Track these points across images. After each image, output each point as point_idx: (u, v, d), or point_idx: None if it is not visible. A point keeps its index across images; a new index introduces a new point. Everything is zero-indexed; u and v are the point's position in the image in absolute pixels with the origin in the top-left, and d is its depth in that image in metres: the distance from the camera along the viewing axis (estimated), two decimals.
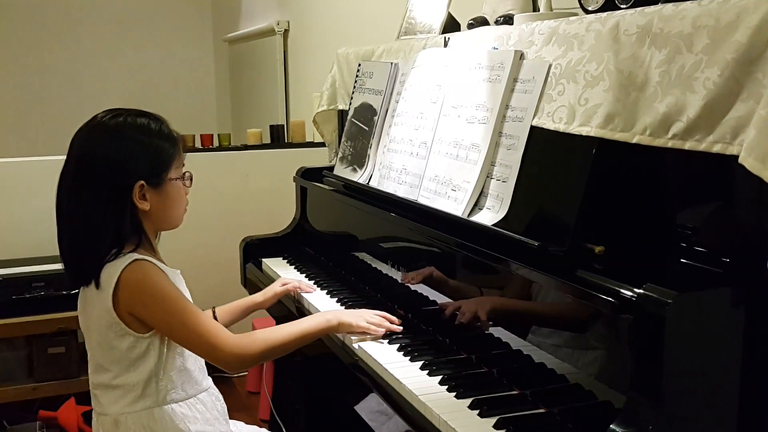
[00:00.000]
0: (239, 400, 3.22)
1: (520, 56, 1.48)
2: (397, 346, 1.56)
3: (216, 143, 3.50)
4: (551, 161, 1.38)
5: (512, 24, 1.65)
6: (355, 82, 2.19)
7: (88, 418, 1.65)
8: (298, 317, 1.85)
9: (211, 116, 5.81)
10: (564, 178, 1.33)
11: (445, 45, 1.82)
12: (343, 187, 2.10)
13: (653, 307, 1.02)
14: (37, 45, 5.41)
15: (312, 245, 2.36)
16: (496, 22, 1.76)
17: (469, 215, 1.51)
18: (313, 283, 2.03)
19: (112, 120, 1.50)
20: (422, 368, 1.45)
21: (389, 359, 1.50)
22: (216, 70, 5.88)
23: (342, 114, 2.50)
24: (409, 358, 1.50)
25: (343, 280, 2.06)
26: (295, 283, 1.97)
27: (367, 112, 2.08)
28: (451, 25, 2.05)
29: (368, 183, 1.97)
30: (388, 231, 1.86)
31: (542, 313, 1.33)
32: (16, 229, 2.96)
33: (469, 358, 1.49)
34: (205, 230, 3.21)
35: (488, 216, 1.47)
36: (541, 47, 1.43)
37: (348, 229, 2.15)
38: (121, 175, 1.46)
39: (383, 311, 1.67)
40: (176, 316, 1.45)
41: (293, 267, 2.24)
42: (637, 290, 1.06)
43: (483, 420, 1.24)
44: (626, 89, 1.20)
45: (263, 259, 2.34)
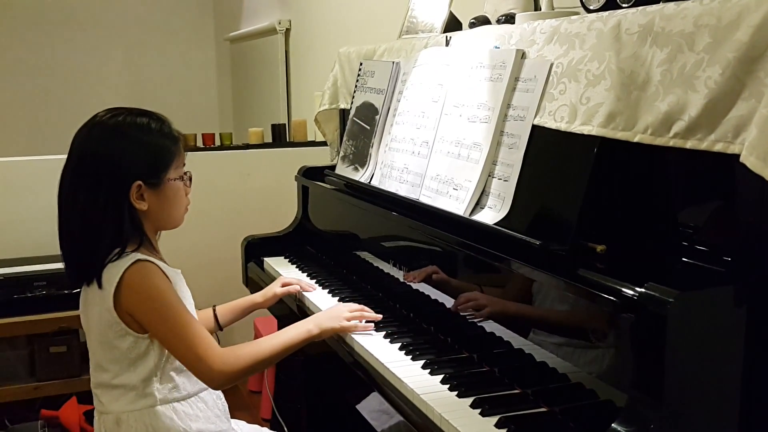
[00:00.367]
0: (241, 399, 3.22)
1: (521, 55, 1.48)
2: (399, 345, 1.56)
3: (218, 142, 3.50)
4: (553, 160, 1.38)
5: (514, 23, 1.65)
6: (357, 81, 2.19)
7: (90, 417, 1.65)
8: (299, 316, 1.85)
9: (213, 115, 5.82)
10: (565, 177, 1.33)
11: (447, 44, 1.82)
12: (345, 186, 2.10)
13: (655, 306, 1.02)
14: (38, 44, 5.42)
15: (313, 244, 2.37)
16: (498, 21, 1.76)
17: (470, 214, 1.51)
18: (314, 282, 2.03)
19: (112, 119, 1.49)
20: (424, 367, 1.45)
21: (390, 358, 1.50)
22: (218, 70, 5.88)
23: (343, 113, 2.50)
24: (410, 357, 1.50)
25: (345, 279, 2.06)
26: (294, 284, 1.95)
27: (368, 111, 2.08)
28: (452, 24, 2.05)
29: (370, 182, 1.97)
30: (390, 230, 1.86)
31: (543, 312, 1.33)
32: (18, 228, 2.96)
33: (470, 357, 1.49)
34: (207, 229, 3.21)
35: (490, 215, 1.47)
36: (542, 46, 1.43)
37: (349, 228, 2.15)
38: (119, 174, 1.45)
39: (377, 309, 1.68)
40: (169, 323, 1.44)
41: (295, 266, 2.24)
42: (638, 289, 1.06)
43: (484, 419, 1.24)
44: (628, 88, 1.20)
45: (265, 258, 2.34)
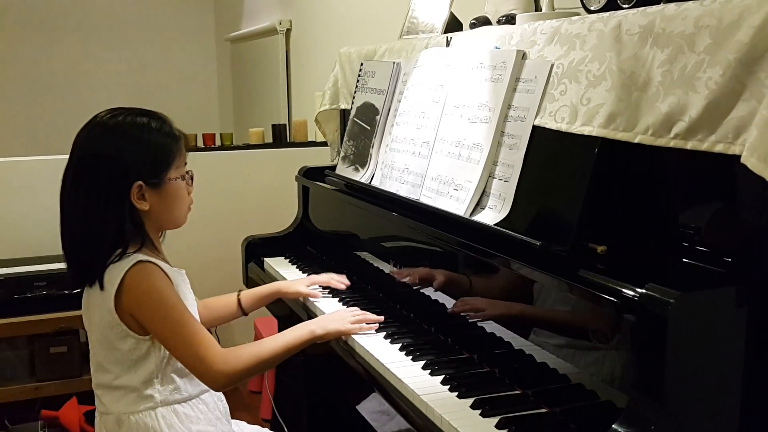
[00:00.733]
0: (241, 399, 3.22)
1: (522, 56, 1.48)
2: (399, 345, 1.56)
3: (218, 142, 3.50)
4: (553, 161, 1.38)
5: (514, 24, 1.65)
6: (358, 81, 2.19)
7: (90, 417, 1.65)
8: (299, 317, 1.85)
9: (214, 115, 5.82)
10: (566, 178, 1.33)
11: (448, 44, 1.82)
12: (345, 187, 2.10)
13: (655, 307, 1.02)
14: (39, 45, 5.42)
15: (314, 244, 2.37)
16: (498, 22, 1.76)
17: (471, 215, 1.51)
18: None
19: (112, 119, 1.49)
20: (424, 368, 1.45)
21: (391, 359, 1.50)
22: (218, 70, 5.88)
23: (344, 113, 2.50)
24: (411, 357, 1.50)
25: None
26: (318, 293, 1.90)
27: (369, 112, 2.08)
28: (453, 25, 2.05)
29: (370, 182, 1.97)
30: (390, 230, 1.86)
31: (544, 313, 1.33)
32: (19, 228, 2.96)
33: (471, 357, 1.49)
34: (207, 229, 3.21)
35: (490, 215, 1.47)
36: (543, 47, 1.43)
37: (350, 229, 2.15)
38: (119, 174, 1.45)
39: (377, 309, 1.68)
40: (170, 323, 1.44)
41: (295, 266, 2.24)
42: (639, 290, 1.06)
43: (485, 420, 1.24)
44: (628, 89, 1.20)
45: (265, 259, 2.34)
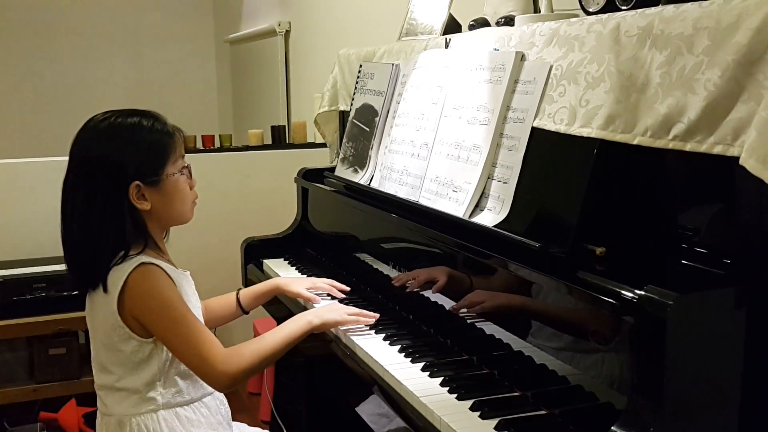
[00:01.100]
0: (240, 401, 3.22)
1: (521, 57, 1.48)
2: (399, 347, 1.56)
3: (217, 144, 3.50)
4: (552, 162, 1.38)
5: (513, 25, 1.65)
6: (357, 83, 2.19)
7: (89, 419, 1.65)
8: None
9: (213, 117, 5.82)
10: (565, 180, 1.33)
11: (446, 46, 1.82)
12: (344, 188, 2.10)
13: (654, 309, 1.02)
14: (39, 47, 5.42)
15: (313, 246, 2.36)
16: (497, 24, 1.76)
17: (470, 216, 1.51)
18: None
19: (104, 122, 1.50)
20: (423, 370, 1.45)
21: (390, 360, 1.50)
22: (217, 71, 5.88)
23: (343, 115, 2.50)
24: (410, 359, 1.50)
25: (345, 280, 2.05)
26: (318, 298, 1.88)
27: (368, 113, 2.08)
28: (452, 27, 2.05)
29: (369, 184, 1.97)
30: (389, 232, 1.86)
31: (543, 314, 1.33)
32: (18, 229, 2.96)
33: (470, 359, 1.49)
34: (206, 231, 3.21)
35: (489, 217, 1.47)
36: (542, 48, 1.43)
37: (349, 230, 2.15)
38: (115, 177, 1.45)
39: (377, 311, 1.69)
40: (173, 325, 1.44)
41: (294, 268, 2.24)
42: (638, 291, 1.06)
43: (484, 422, 1.24)
44: (627, 90, 1.20)
45: (264, 260, 2.34)
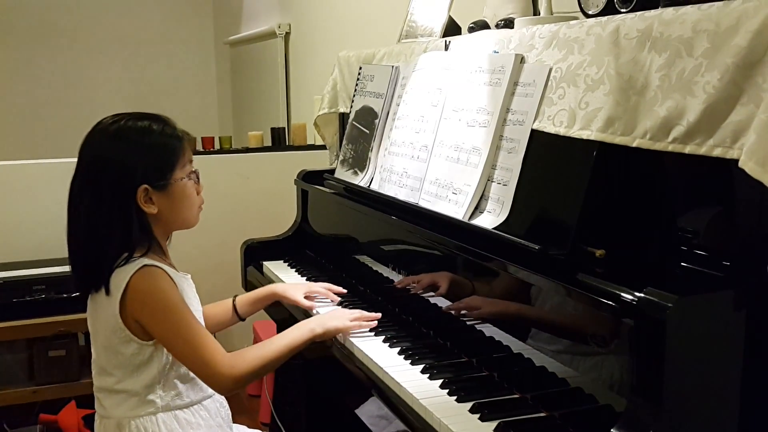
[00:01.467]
0: (240, 403, 3.22)
1: (520, 60, 1.48)
2: (398, 349, 1.56)
3: (217, 146, 3.50)
4: (552, 165, 1.38)
5: (513, 28, 1.65)
6: (356, 85, 2.19)
7: (89, 421, 1.65)
8: (299, 320, 1.85)
9: (213, 119, 5.82)
10: (564, 182, 1.33)
11: (446, 48, 1.82)
12: (344, 190, 2.10)
13: (654, 311, 1.02)
14: (40, 51, 5.43)
15: (313, 248, 2.37)
16: (497, 26, 1.76)
17: (469, 218, 1.51)
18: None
19: (114, 125, 1.50)
20: (423, 372, 1.45)
21: (390, 363, 1.50)
22: (217, 73, 5.89)
23: (343, 117, 2.51)
24: (409, 361, 1.50)
25: (344, 283, 2.05)
26: (315, 305, 1.87)
27: (368, 115, 2.08)
28: (452, 29, 2.05)
29: (369, 186, 1.97)
30: (389, 234, 1.86)
31: (542, 317, 1.33)
32: (18, 231, 2.96)
33: (470, 361, 1.49)
34: (206, 233, 3.19)
35: (489, 219, 1.47)
36: (541, 51, 1.43)
37: (349, 232, 2.15)
38: (123, 179, 1.45)
39: (376, 313, 1.69)
40: (175, 327, 1.44)
41: (294, 270, 2.23)
42: (637, 294, 1.06)
43: (484, 424, 1.24)
44: (626, 93, 1.20)
45: (264, 262, 2.34)
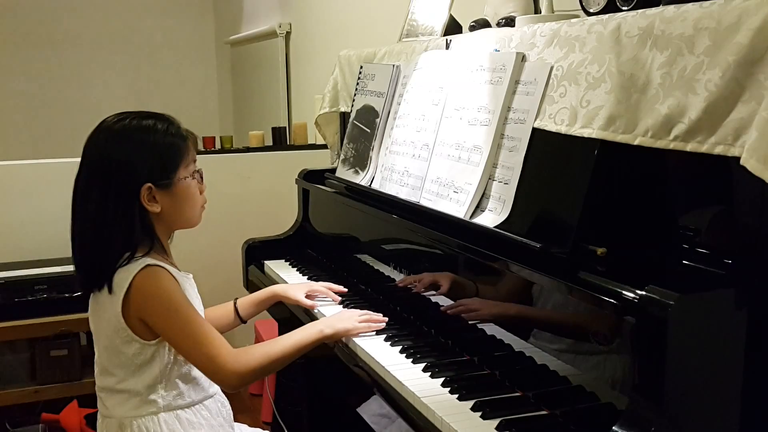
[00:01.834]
0: (241, 402, 3.22)
1: (521, 58, 1.48)
2: (400, 348, 1.56)
3: (218, 145, 3.50)
4: (553, 163, 1.38)
5: (514, 26, 1.65)
6: (357, 84, 2.19)
7: (91, 420, 1.65)
8: (301, 320, 1.85)
9: (213, 118, 5.82)
10: (566, 180, 1.33)
11: (447, 47, 1.82)
12: (345, 189, 2.10)
13: (655, 309, 1.02)
14: (41, 50, 5.43)
15: (314, 247, 2.37)
16: (498, 24, 1.76)
17: (471, 217, 1.51)
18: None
19: (118, 123, 1.50)
20: (424, 370, 1.45)
21: (391, 361, 1.50)
22: (218, 73, 5.89)
23: (344, 116, 2.51)
24: (411, 360, 1.50)
25: (346, 281, 2.05)
26: (317, 304, 1.87)
27: (369, 114, 2.08)
28: (452, 28, 2.05)
29: (370, 185, 1.97)
30: (390, 233, 1.86)
31: (544, 315, 1.33)
32: (20, 231, 2.95)
33: (471, 360, 1.49)
34: (207, 233, 3.18)
35: (490, 218, 1.47)
36: (542, 49, 1.43)
37: (350, 231, 2.15)
38: (127, 178, 1.46)
39: (378, 312, 1.69)
40: (180, 325, 1.45)
41: (295, 269, 2.24)
42: (639, 292, 1.06)
43: (485, 422, 1.24)
44: (628, 91, 1.20)
45: (265, 262, 2.34)
